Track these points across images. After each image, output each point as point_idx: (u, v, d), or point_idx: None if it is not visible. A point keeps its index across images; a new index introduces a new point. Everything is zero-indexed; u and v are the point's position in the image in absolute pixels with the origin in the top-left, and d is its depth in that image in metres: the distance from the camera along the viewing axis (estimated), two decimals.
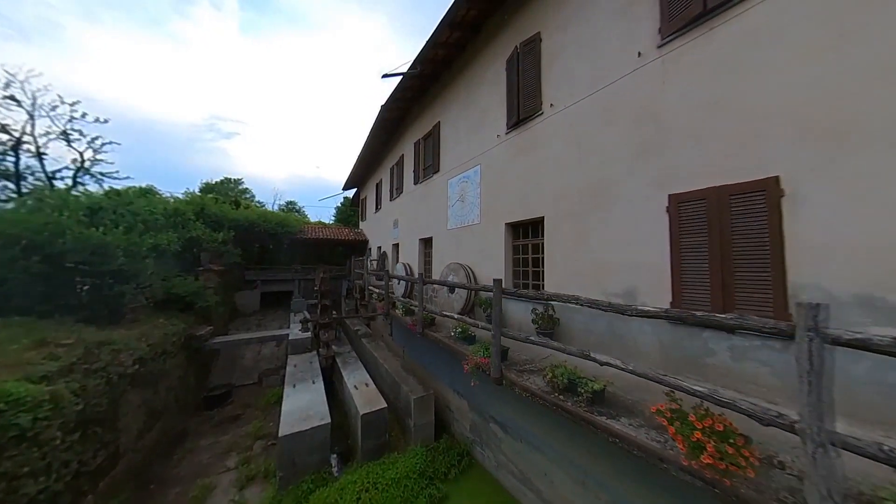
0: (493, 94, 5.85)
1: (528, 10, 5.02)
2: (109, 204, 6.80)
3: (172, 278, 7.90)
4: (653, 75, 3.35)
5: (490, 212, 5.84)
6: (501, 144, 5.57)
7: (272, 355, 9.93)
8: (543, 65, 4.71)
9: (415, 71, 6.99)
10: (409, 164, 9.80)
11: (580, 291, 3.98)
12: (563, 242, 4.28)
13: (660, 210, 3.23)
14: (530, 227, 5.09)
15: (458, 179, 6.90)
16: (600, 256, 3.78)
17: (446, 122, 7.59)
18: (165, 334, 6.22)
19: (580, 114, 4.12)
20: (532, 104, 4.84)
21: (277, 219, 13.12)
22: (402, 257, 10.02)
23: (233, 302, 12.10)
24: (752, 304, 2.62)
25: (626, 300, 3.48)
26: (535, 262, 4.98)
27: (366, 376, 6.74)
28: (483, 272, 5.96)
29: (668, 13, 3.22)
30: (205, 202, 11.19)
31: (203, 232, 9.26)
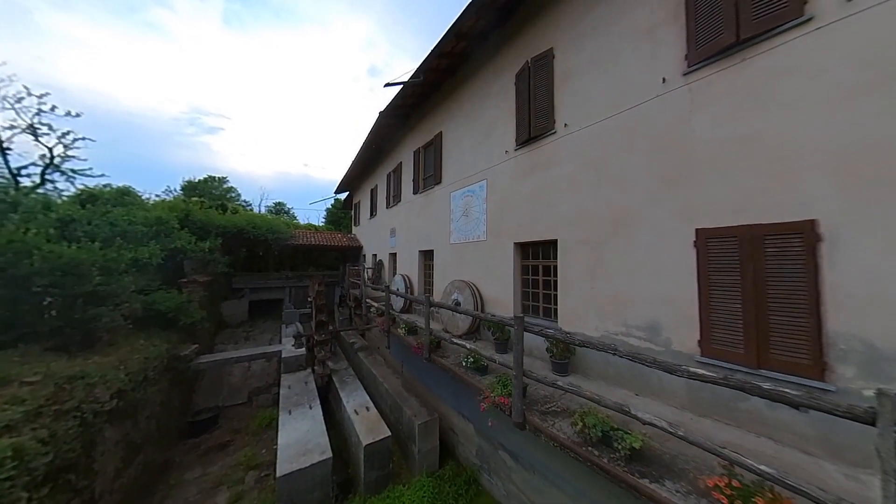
0: (501, 107, 5.67)
1: (540, 24, 4.86)
2: (83, 215, 6.22)
3: (153, 292, 7.34)
4: (679, 103, 3.23)
5: (497, 229, 5.66)
6: (510, 161, 5.39)
7: (262, 371, 9.43)
8: (557, 82, 4.56)
9: (418, 80, 6.73)
10: (407, 173, 9.52)
11: (597, 320, 3.88)
12: (578, 267, 4.14)
13: (686, 244, 3.11)
14: (541, 247, 4.94)
15: (462, 193, 6.70)
16: (620, 286, 3.65)
17: (449, 133, 7.37)
18: (146, 358, 5.72)
19: (598, 136, 3.98)
20: (544, 122, 4.68)
21: (267, 224, 12.53)
22: (401, 268, 9.73)
23: (219, 313, 11.47)
24: (787, 349, 2.53)
25: (648, 335, 3.37)
26: (546, 283, 4.83)
27: (366, 398, 6.44)
28: (489, 291, 5.78)
29: (695, 40, 3.11)
30: (189, 208, 10.54)
31: (188, 241, 8.68)
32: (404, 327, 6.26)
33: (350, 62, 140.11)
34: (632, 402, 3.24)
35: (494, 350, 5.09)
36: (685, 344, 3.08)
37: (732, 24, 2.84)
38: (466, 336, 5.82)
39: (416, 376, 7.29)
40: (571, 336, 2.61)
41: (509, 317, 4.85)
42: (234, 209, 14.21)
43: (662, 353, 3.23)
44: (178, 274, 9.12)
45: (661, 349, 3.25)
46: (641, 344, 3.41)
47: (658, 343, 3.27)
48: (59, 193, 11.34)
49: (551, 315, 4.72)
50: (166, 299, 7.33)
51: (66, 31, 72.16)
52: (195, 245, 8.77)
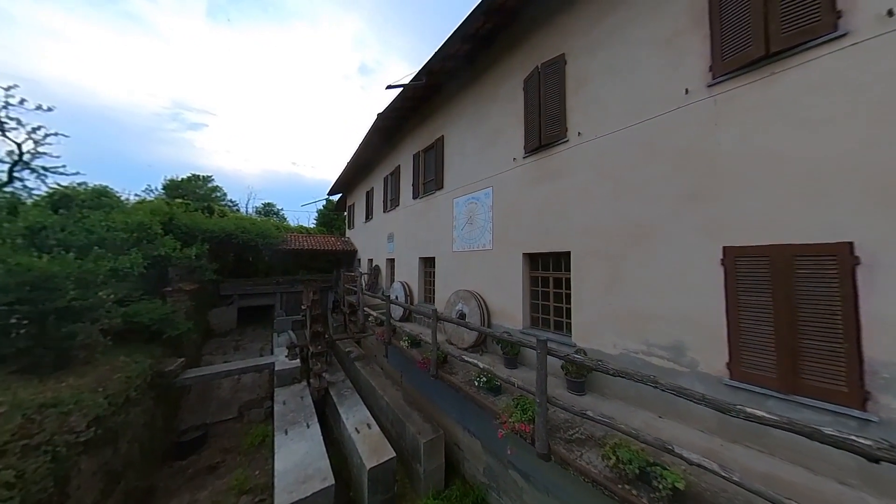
0: (508, 113, 5.51)
1: (551, 29, 4.73)
2: (56, 222, 5.71)
3: (135, 302, 6.85)
4: (703, 115, 3.13)
5: (504, 239, 5.49)
6: (518, 168, 5.24)
7: (253, 383, 8.97)
8: (569, 89, 4.42)
9: (420, 82, 6.51)
10: (406, 177, 9.27)
11: (615, 337, 3.75)
12: (593, 281, 4.01)
13: (712, 261, 3.01)
14: (551, 258, 4.80)
15: (466, 200, 6.51)
16: (640, 302, 3.53)
17: (451, 137, 7.17)
18: (128, 378, 5.28)
19: (614, 146, 3.86)
20: (555, 130, 4.54)
21: (258, 229, 11.99)
22: (399, 275, 9.46)
23: (206, 322, 10.91)
24: (822, 374, 2.44)
25: (672, 355, 3.25)
26: (558, 296, 4.69)
27: (366, 414, 6.16)
28: (496, 302, 5.60)
29: (720, 51, 3.01)
30: (173, 211, 9.95)
31: (173, 248, 8.16)
32: (407, 340, 6.02)
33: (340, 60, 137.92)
34: (657, 425, 3.12)
35: (504, 365, 4.93)
36: (713, 366, 2.98)
37: (761, 36, 2.75)
38: (473, 349, 5.63)
39: (417, 387, 7.05)
40: (604, 364, 2.46)
41: (526, 336, 4.72)
42: (221, 212, 13.61)
43: (688, 375, 3.12)
44: (161, 282, 8.58)
45: (686, 370, 3.14)
46: (664, 364, 3.30)
47: (683, 364, 3.16)
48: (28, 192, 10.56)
49: (563, 328, 4.59)
50: (149, 311, 6.85)
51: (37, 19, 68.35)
52: (180, 252, 8.26)
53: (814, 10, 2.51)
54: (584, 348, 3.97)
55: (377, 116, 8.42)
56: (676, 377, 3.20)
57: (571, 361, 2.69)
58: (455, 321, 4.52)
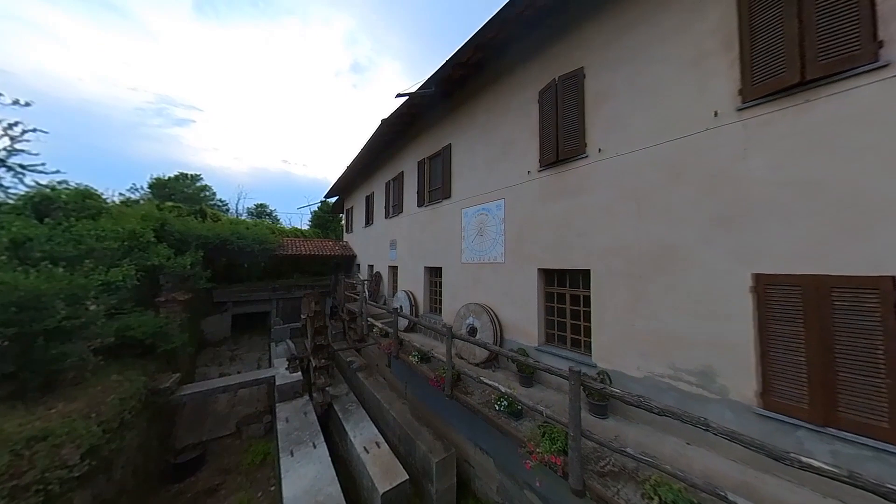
0: (521, 125, 5.42)
1: (569, 41, 4.65)
2: (41, 233, 5.34)
3: (127, 315, 6.50)
4: (732, 139, 3.10)
5: (518, 253, 5.40)
6: (532, 182, 5.15)
7: (251, 396, 8.67)
8: (588, 104, 4.36)
9: (429, 90, 6.36)
10: (410, 183, 9.10)
11: (639, 359, 3.70)
12: (616, 301, 3.95)
13: (742, 287, 2.98)
14: (568, 275, 4.73)
15: (476, 211, 6.40)
16: (666, 325, 3.49)
17: (459, 146, 7.04)
18: (122, 399, 4.98)
19: (637, 165, 3.81)
20: (574, 145, 4.47)
21: (253, 234, 11.61)
22: (403, 284, 9.29)
23: (200, 331, 10.51)
24: (860, 409, 2.42)
25: (701, 380, 3.22)
26: (575, 314, 4.63)
27: (374, 431, 6.00)
28: (509, 316, 5.52)
29: (750, 75, 2.97)
30: (165, 217, 9.52)
31: (167, 257, 7.79)
32: (416, 355, 5.87)
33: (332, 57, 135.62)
34: (687, 454, 3.08)
35: (518, 383, 4.84)
36: (743, 394, 2.95)
37: (796, 63, 2.71)
38: (485, 364, 5.53)
39: (423, 400, 6.91)
40: (647, 401, 2.38)
41: (542, 353, 4.62)
42: (214, 216, 13.14)
43: (717, 402, 3.09)
44: (153, 291, 8.21)
45: (715, 397, 3.11)
46: (692, 389, 3.26)
47: (712, 391, 3.13)
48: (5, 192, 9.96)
49: (580, 346, 4.53)
50: (142, 324, 6.51)
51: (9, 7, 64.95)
52: (175, 261, 7.90)
53: (853, 39, 2.48)
54: (606, 370, 3.91)
55: (381, 123, 8.23)
56: (705, 403, 3.17)
57: (611, 395, 2.60)
58: (471, 340, 4.40)
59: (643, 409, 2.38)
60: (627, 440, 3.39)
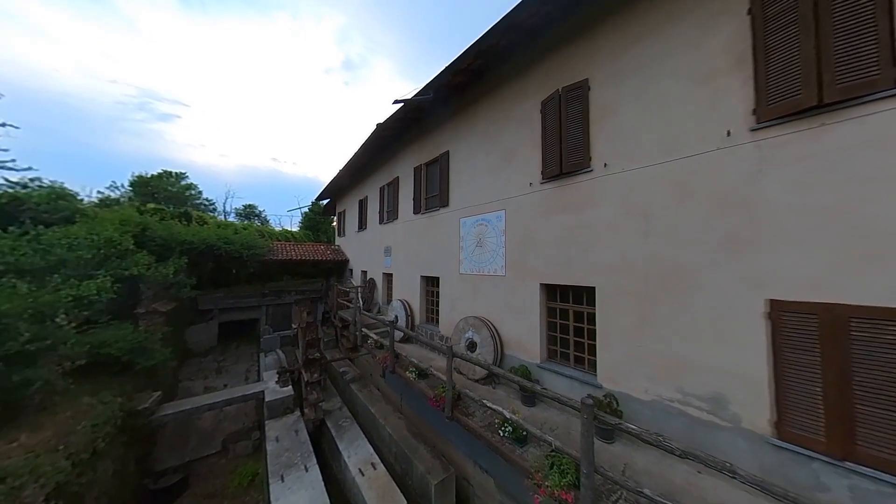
0: (523, 134, 5.29)
1: (574, 51, 4.53)
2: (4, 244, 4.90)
3: (101, 328, 6.06)
4: (745, 160, 3.02)
5: (519, 266, 5.27)
6: (535, 194, 5.02)
7: (238, 411, 8.27)
8: (593, 116, 4.25)
9: (427, 97, 6.16)
10: (406, 189, 8.88)
11: (647, 382, 3.60)
12: (622, 320, 3.85)
13: (755, 313, 2.90)
14: (571, 291, 4.61)
15: (475, 221, 6.24)
16: (674, 347, 3.39)
17: (458, 154, 6.87)
18: (94, 426, 4.60)
19: (644, 182, 3.71)
20: (578, 158, 4.36)
21: (242, 239, 11.13)
22: (398, 292, 9.05)
23: (183, 341, 10.02)
24: (880, 443, 2.36)
25: (712, 406, 3.13)
26: (579, 331, 4.51)
27: (369, 451, 5.76)
28: (510, 331, 5.37)
29: (765, 95, 2.90)
30: (147, 221, 9.01)
31: (147, 266, 7.34)
32: (414, 371, 5.67)
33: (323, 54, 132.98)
34: (699, 483, 2.98)
35: (521, 401, 4.71)
36: (756, 423, 2.87)
37: (813, 85, 2.64)
38: (485, 381, 5.37)
39: (420, 414, 6.70)
40: (667, 441, 2.26)
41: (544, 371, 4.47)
42: (200, 219, 12.59)
43: (729, 430, 3.01)
44: (132, 302, 7.73)
45: (727, 425, 3.02)
46: (702, 416, 3.17)
47: (724, 418, 3.04)
48: None
49: (584, 364, 4.42)
50: (119, 339, 6.08)
51: None
52: (156, 270, 7.45)
53: (872, 63, 2.42)
54: (613, 392, 3.80)
55: (377, 127, 7.99)
56: (716, 431, 3.08)
57: (629, 431, 2.46)
58: (473, 360, 4.24)
59: (664, 450, 2.25)
60: (636, 467, 3.29)
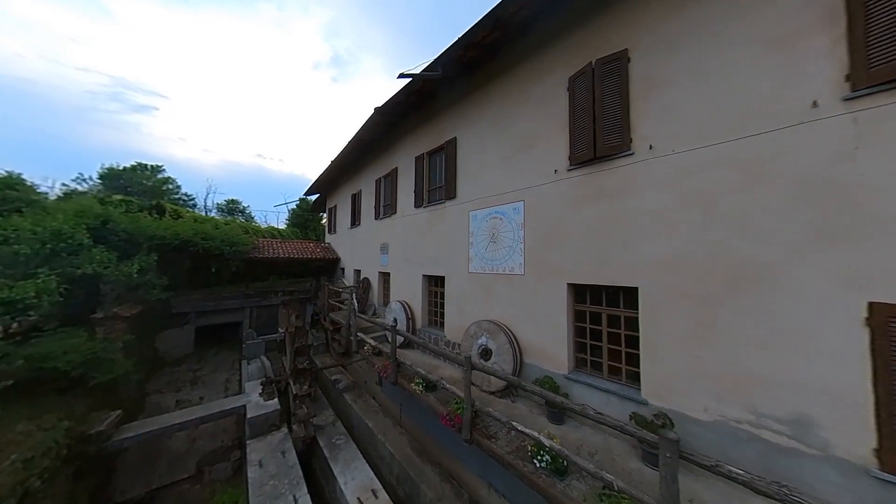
0: (546, 116, 4.71)
1: (609, 18, 3.98)
2: None
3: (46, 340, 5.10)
4: (836, 136, 2.52)
5: (541, 264, 4.69)
6: (561, 182, 4.45)
7: (216, 426, 7.37)
8: (634, 92, 3.70)
9: (435, 73, 5.49)
10: (406, 181, 8.17)
11: (708, 400, 3.07)
12: (674, 327, 3.32)
13: (852, 318, 2.41)
14: (605, 291, 4.07)
15: (487, 214, 5.62)
16: (744, 360, 2.88)
17: (466, 140, 6.23)
18: (27, 461, 3.71)
19: (702, 165, 3.19)
20: (615, 140, 3.81)
21: (223, 235, 10.08)
22: (397, 293, 8.34)
23: (153, 349, 8.95)
24: None
25: (794, 431, 2.62)
26: (614, 337, 3.97)
27: (369, 475, 5.06)
28: (529, 337, 4.79)
29: (865, 58, 2.40)
30: (109, 213, 7.92)
31: (106, 264, 6.33)
32: (420, 383, 5.00)
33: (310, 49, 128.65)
34: None
35: (546, 418, 4.13)
36: (854, 451, 2.38)
37: None
38: (502, 393, 4.77)
39: (423, 427, 6.03)
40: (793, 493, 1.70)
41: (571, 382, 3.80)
42: (175, 212, 11.44)
43: (816, 458, 2.51)
44: (89, 305, 6.70)
45: (814, 453, 2.52)
46: (782, 441, 2.67)
47: (810, 444, 2.54)
48: None
49: (621, 376, 3.88)
50: (68, 350, 5.12)
51: None
52: (116, 269, 6.46)
53: None
54: (662, 409, 3.27)
55: (375, 111, 7.25)
56: (799, 459, 2.58)
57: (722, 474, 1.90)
58: (501, 375, 3.61)
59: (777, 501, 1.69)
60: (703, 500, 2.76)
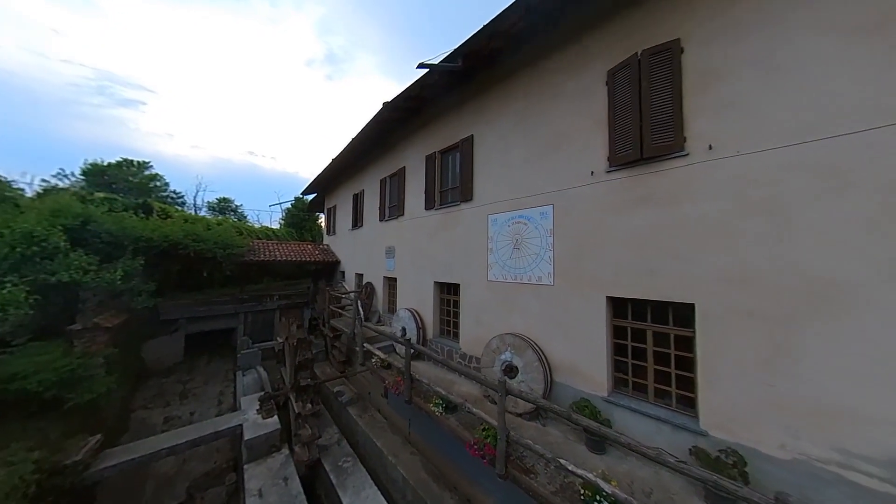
0: (578, 113, 4.33)
1: (660, 4, 3.61)
2: None
3: (13, 357, 4.50)
4: None
5: (574, 274, 4.30)
6: (599, 185, 4.07)
7: (208, 447, 6.80)
8: (688, 86, 3.34)
9: (455, 65, 5.07)
10: (415, 182, 7.72)
11: (784, 435, 2.69)
12: (739, 350, 2.95)
13: None
14: (650, 306, 3.69)
15: (510, 218, 5.22)
16: (828, 391, 2.52)
17: (485, 138, 5.82)
18: None
19: (775, 169, 2.83)
20: (666, 139, 3.44)
21: (215, 237, 9.43)
22: (404, 300, 7.87)
23: (139, 359, 8.28)
24: None
25: (891, 473, 2.27)
26: (662, 357, 3.59)
27: (381, 502, 4.59)
28: (560, 354, 4.39)
29: None
30: (90, 212, 7.27)
31: (84, 269, 5.71)
32: (440, 403, 4.55)
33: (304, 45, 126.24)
34: None
35: (585, 445, 3.74)
36: None
37: None
38: (530, 415, 4.36)
39: (434, 444, 5.55)
40: None
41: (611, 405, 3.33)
42: (163, 211, 10.75)
43: None
44: (67, 315, 6.07)
45: None
46: (878, 486, 2.31)
47: None
48: None
49: (671, 399, 3.50)
50: (40, 368, 4.53)
51: None
52: (97, 275, 5.84)
53: None
54: (728, 443, 2.90)
55: (384, 106, 6.78)
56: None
57: None
58: (544, 404, 3.17)
59: None
60: None
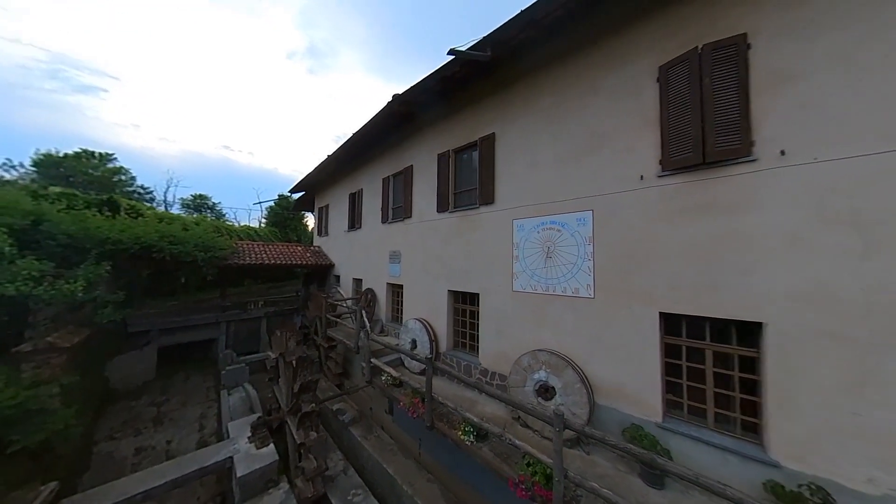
0: (622, 111, 4.01)
1: None
2: None
3: None
4: None
5: (617, 286, 3.98)
6: (649, 191, 3.76)
7: None
8: (757, 85, 3.08)
9: (485, 54, 4.61)
10: (424, 182, 7.20)
11: (870, 467, 2.44)
12: (817, 374, 2.71)
13: None
14: (709, 324, 3.42)
15: (539, 224, 4.84)
16: None
17: (509, 137, 5.42)
18: None
19: (858, 178, 2.61)
20: (731, 142, 3.17)
21: (195, 239, 8.38)
22: (412, 309, 7.33)
23: (103, 379, 7.19)
24: None
25: None
26: (723, 379, 3.32)
27: None
28: (603, 374, 4.06)
29: None
30: (43, 210, 6.16)
31: (35, 279, 4.73)
32: (471, 431, 4.08)
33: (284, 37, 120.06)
34: None
35: (639, 477, 3.41)
36: None
37: None
38: (571, 443, 3.99)
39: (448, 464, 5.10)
40: None
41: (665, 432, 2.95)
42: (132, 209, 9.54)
43: None
44: (12, 334, 5.05)
45: None
46: None
47: None
48: None
49: (734, 427, 3.24)
50: None
51: None
52: (52, 286, 4.88)
53: None
54: (808, 478, 2.65)
55: (394, 98, 6.22)
56: None
57: None
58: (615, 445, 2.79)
59: None
60: None
